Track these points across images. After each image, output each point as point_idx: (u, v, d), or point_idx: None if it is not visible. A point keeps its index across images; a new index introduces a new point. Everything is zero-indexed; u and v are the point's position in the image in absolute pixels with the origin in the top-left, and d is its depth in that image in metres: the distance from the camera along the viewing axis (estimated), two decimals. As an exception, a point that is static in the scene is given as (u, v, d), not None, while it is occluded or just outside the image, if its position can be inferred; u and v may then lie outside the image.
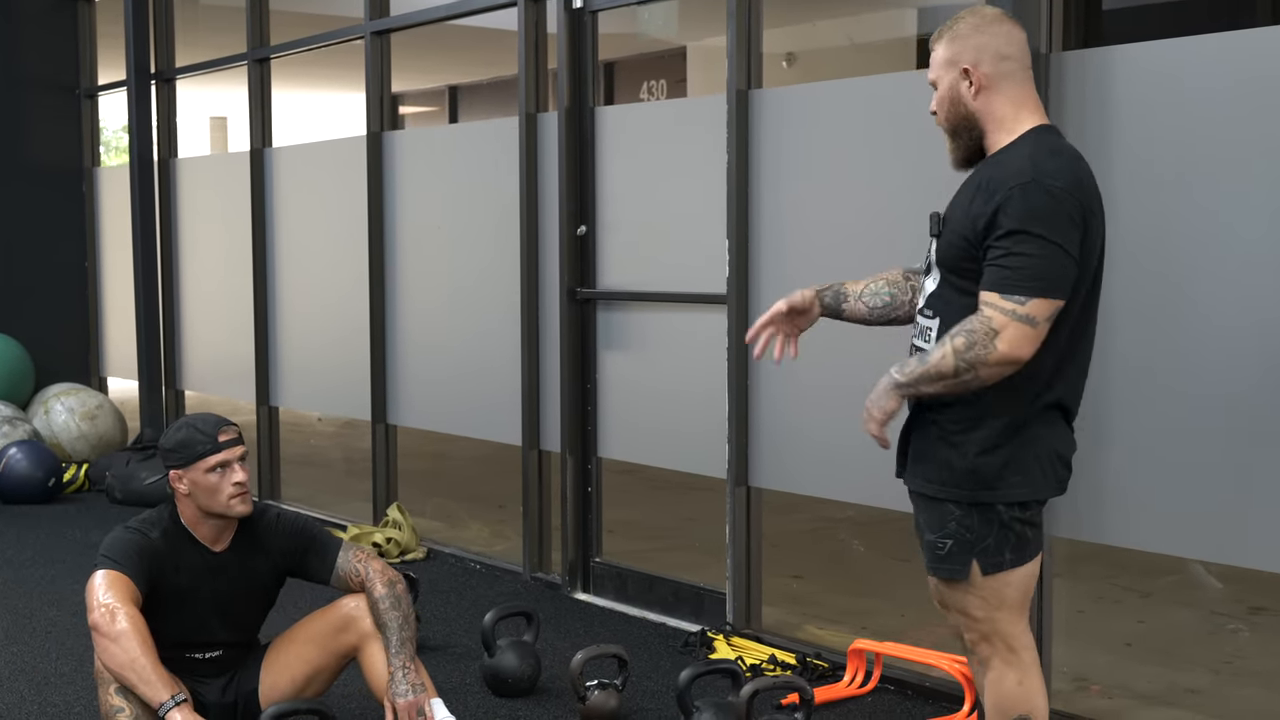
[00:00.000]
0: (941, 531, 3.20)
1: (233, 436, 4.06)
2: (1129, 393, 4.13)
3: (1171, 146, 4.02)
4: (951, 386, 3.09)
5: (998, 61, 3.17)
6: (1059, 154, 3.10)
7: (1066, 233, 3.01)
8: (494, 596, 6.06)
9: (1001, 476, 3.12)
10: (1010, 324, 3.01)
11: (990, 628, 3.23)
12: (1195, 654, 5.57)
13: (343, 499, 8.28)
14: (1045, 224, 3.00)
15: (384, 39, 7.18)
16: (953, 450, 3.15)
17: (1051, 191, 3.01)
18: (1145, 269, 4.08)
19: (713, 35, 11.77)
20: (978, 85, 3.17)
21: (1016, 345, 3.01)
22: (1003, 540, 3.16)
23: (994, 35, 3.18)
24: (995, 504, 3.14)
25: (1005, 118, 3.18)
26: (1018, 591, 3.22)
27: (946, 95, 3.23)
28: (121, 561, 3.93)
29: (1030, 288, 3.00)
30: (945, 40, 3.23)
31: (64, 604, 5.93)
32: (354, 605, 4.15)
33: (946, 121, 3.26)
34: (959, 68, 3.19)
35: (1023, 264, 3.00)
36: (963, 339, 3.05)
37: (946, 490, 3.17)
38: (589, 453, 6.13)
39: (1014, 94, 3.18)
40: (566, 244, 6.04)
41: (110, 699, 3.84)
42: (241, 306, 8.36)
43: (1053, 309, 3.02)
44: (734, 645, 5.25)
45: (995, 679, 3.26)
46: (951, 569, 3.21)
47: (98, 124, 10.27)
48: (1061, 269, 3.02)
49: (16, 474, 8.15)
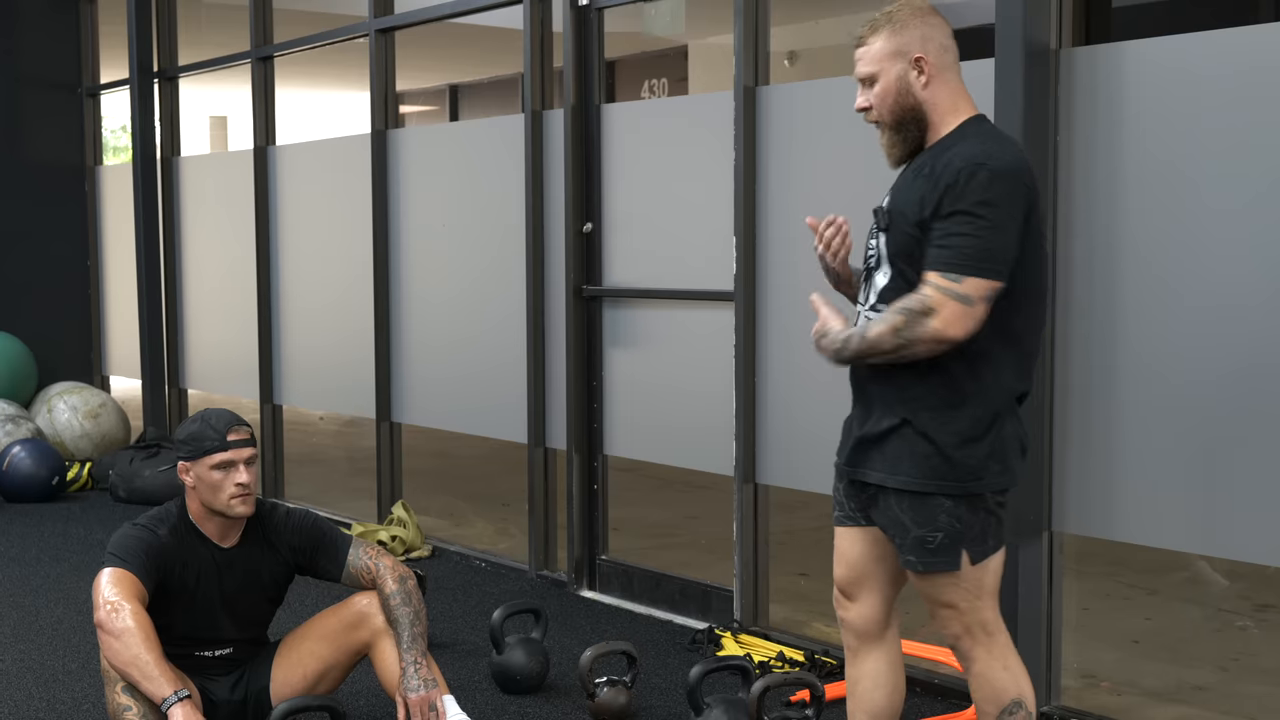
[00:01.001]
0: (932, 525, 3.17)
1: (243, 437, 4.06)
2: (1137, 389, 4.13)
3: (1180, 142, 4.02)
4: (890, 360, 3.12)
5: (942, 52, 3.18)
6: (1003, 141, 3.14)
7: (1008, 215, 3.02)
8: (500, 594, 6.05)
9: (986, 466, 3.13)
10: (947, 302, 3.01)
11: (972, 618, 3.24)
12: (1203, 651, 5.57)
13: (347, 497, 8.27)
14: (987, 205, 3.01)
15: (388, 37, 7.17)
16: (933, 444, 3.13)
17: (996, 173, 3.02)
18: (1153, 264, 4.08)
19: (715, 33, 11.77)
20: (928, 75, 3.16)
21: (950, 323, 3.02)
22: (987, 528, 3.19)
23: (934, 25, 3.19)
24: (985, 493, 3.15)
25: (948, 109, 3.18)
26: (994, 577, 3.25)
27: (893, 87, 3.19)
28: (128, 559, 3.93)
29: (967, 267, 3.01)
30: (887, 31, 3.19)
31: (70, 602, 5.93)
32: (366, 602, 4.15)
33: (891, 115, 3.21)
34: (909, 57, 3.17)
35: (962, 243, 3.02)
36: (901, 316, 3.07)
37: (935, 484, 3.15)
38: (595, 450, 6.12)
39: (954, 85, 3.20)
40: (572, 241, 6.04)
41: (117, 697, 3.84)
42: (245, 304, 8.35)
43: (989, 289, 3.02)
44: (742, 642, 5.25)
45: (982, 670, 3.27)
46: (944, 561, 3.19)
47: (100, 123, 10.26)
48: (1000, 250, 3.02)
49: (20, 473, 8.14)
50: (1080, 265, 4.22)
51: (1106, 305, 4.18)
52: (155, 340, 9.16)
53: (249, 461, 4.05)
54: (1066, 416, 4.28)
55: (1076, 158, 4.21)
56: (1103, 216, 4.17)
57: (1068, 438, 4.28)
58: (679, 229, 5.73)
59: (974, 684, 3.30)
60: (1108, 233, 4.16)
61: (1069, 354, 4.26)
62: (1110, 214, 4.15)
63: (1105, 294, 4.18)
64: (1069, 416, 4.27)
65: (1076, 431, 4.26)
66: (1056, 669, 4.41)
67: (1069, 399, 4.27)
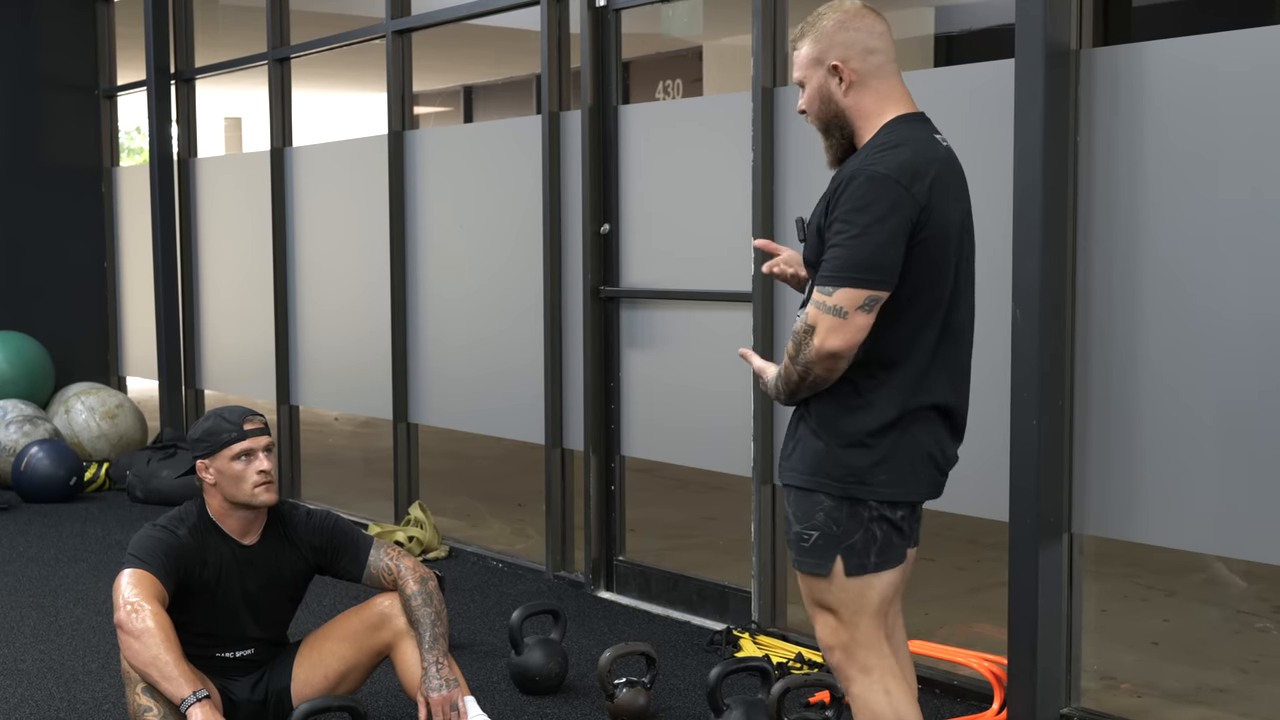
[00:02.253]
0: (809, 523, 3.13)
1: (258, 426, 4.09)
2: (1157, 390, 4.12)
3: (1201, 143, 4.01)
4: (810, 388, 3.08)
5: (865, 56, 3.12)
6: (897, 144, 3.04)
7: (878, 220, 2.95)
8: (517, 595, 6.06)
9: (872, 472, 3.06)
10: (821, 317, 2.98)
11: (850, 635, 3.14)
12: (1222, 653, 5.56)
13: (363, 498, 8.29)
14: (856, 212, 2.96)
15: (405, 38, 7.18)
16: (822, 442, 3.10)
17: (873, 178, 2.97)
18: (1174, 265, 4.07)
19: (730, 34, 11.76)
20: (848, 82, 3.13)
21: (826, 337, 2.98)
22: (870, 541, 3.10)
23: (858, 30, 3.13)
24: (866, 500, 3.08)
25: (872, 113, 3.13)
26: (879, 597, 3.14)
27: (817, 93, 3.17)
28: (147, 560, 3.94)
29: (837, 278, 2.97)
30: (810, 39, 3.17)
31: (89, 602, 5.94)
32: (388, 603, 4.16)
33: (818, 120, 3.20)
34: (826, 64, 3.14)
35: (834, 255, 2.98)
36: (791, 343, 3.06)
37: (816, 480, 3.11)
38: (612, 451, 6.13)
39: (881, 88, 3.13)
40: (589, 242, 6.04)
41: (138, 698, 3.85)
42: (261, 305, 8.37)
43: (864, 298, 2.95)
44: (760, 643, 5.25)
45: (861, 693, 3.16)
46: (815, 563, 3.14)
47: (117, 124, 10.29)
48: (871, 257, 2.95)
49: (38, 473, 8.17)
50: (1100, 265, 4.22)
51: (1126, 306, 4.17)
52: (172, 341, 9.18)
53: (267, 449, 4.08)
54: (1086, 418, 4.27)
55: (1097, 158, 4.20)
56: (1123, 217, 4.16)
57: (1087, 439, 4.27)
58: (697, 230, 5.73)
59: (854, 706, 3.18)
60: (1128, 233, 4.15)
61: (1088, 356, 4.26)
62: (1131, 214, 4.14)
63: (1125, 295, 4.17)
64: (1088, 418, 4.27)
65: (1096, 433, 4.26)
66: (1076, 671, 4.40)
67: (1088, 401, 4.26)
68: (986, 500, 4.53)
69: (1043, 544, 4.23)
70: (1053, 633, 4.29)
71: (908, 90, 3.19)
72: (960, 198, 3.14)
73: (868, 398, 3.06)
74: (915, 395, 3.08)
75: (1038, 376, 4.16)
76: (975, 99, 4.60)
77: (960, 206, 3.14)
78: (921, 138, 3.09)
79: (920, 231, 3.00)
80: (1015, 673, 4.32)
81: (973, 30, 10.86)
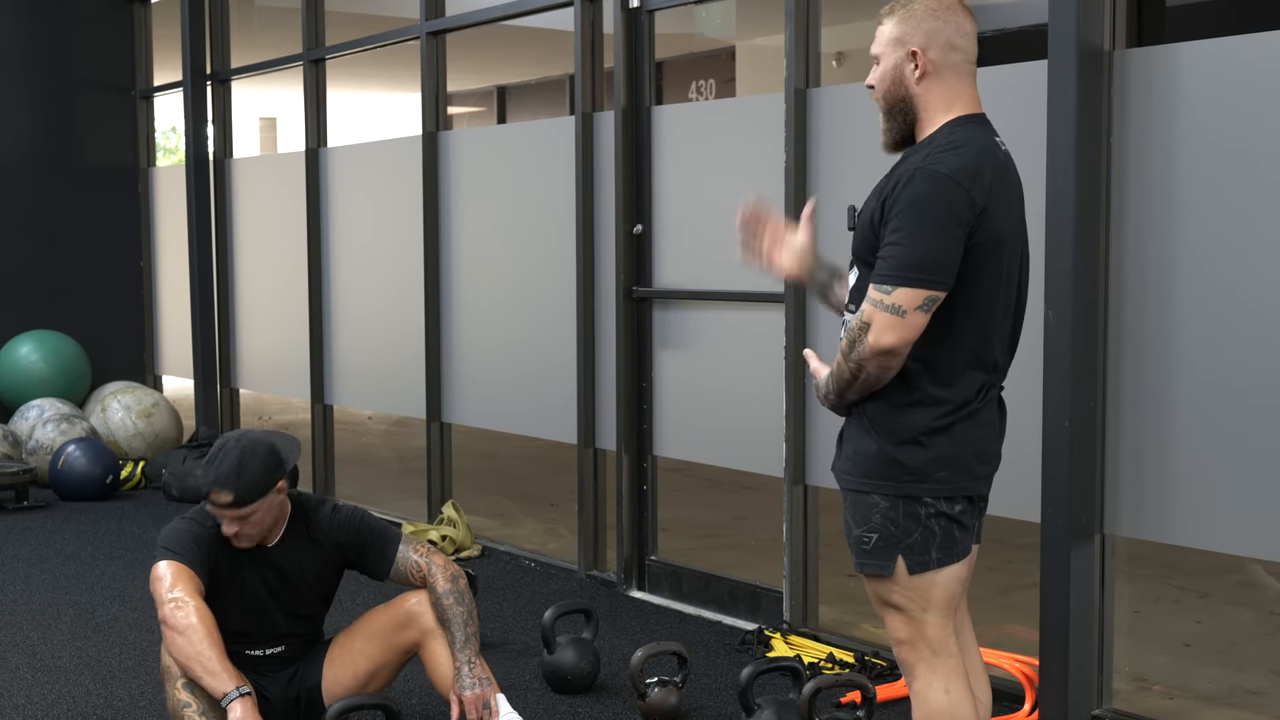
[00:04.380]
0: (867, 525, 3.12)
1: (223, 501, 4.00)
2: (1191, 391, 4.11)
3: (1237, 144, 4.00)
4: (861, 388, 3.07)
5: (946, 51, 3.10)
6: (958, 145, 3.03)
7: (942, 221, 2.95)
8: (549, 594, 6.08)
9: (927, 470, 3.06)
10: (877, 314, 2.97)
11: (916, 630, 3.15)
12: (1256, 655, 5.53)
13: (397, 497, 8.32)
14: (920, 211, 2.95)
15: (440, 39, 7.21)
16: (874, 442, 3.09)
17: (934, 178, 2.96)
18: (1208, 266, 4.06)
19: (763, 34, 11.76)
20: (923, 70, 3.10)
21: (881, 334, 2.97)
22: (929, 538, 3.10)
23: (947, 23, 3.10)
24: (921, 498, 3.07)
25: (938, 108, 3.12)
26: (944, 593, 3.14)
27: (889, 73, 3.15)
28: (181, 552, 3.98)
29: (897, 277, 2.95)
30: (898, 18, 3.14)
31: (125, 599, 5.99)
32: (416, 601, 4.18)
33: (884, 100, 3.18)
34: (907, 49, 3.11)
35: (893, 253, 2.97)
36: (845, 341, 3.06)
37: (870, 483, 3.10)
38: (645, 451, 6.14)
39: (954, 86, 3.11)
40: (623, 242, 6.06)
41: (178, 694, 3.88)
42: (296, 305, 8.41)
43: (923, 298, 2.95)
44: (791, 643, 5.25)
45: (921, 689, 3.16)
46: (877, 565, 3.13)
47: (153, 125, 10.36)
48: (931, 257, 2.95)
49: (75, 471, 8.23)
50: (1133, 266, 4.21)
51: (1160, 307, 4.16)
52: (207, 340, 9.24)
53: (235, 520, 4.02)
54: (1119, 418, 4.26)
55: (1130, 160, 4.19)
56: (1157, 218, 4.15)
57: (1120, 440, 4.26)
58: (729, 230, 5.68)
59: (913, 701, 3.19)
60: (1161, 234, 4.14)
61: (1121, 357, 4.25)
62: (1165, 215, 4.13)
63: (1159, 296, 4.16)
64: (1121, 418, 4.26)
65: (1129, 434, 4.25)
66: (1108, 672, 4.39)
67: (1121, 401, 4.25)
68: (1018, 501, 4.51)
69: (1075, 545, 4.22)
70: (1084, 634, 4.28)
71: (978, 94, 3.17)
72: (1016, 202, 3.13)
73: (919, 395, 3.06)
74: (967, 393, 3.08)
75: (1070, 377, 4.16)
76: (1008, 100, 4.59)
77: (1016, 211, 3.13)
78: (983, 140, 3.08)
79: (976, 234, 2.99)
80: (1047, 674, 4.31)
81: (1006, 30, 10.83)
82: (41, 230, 9.72)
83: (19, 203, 9.63)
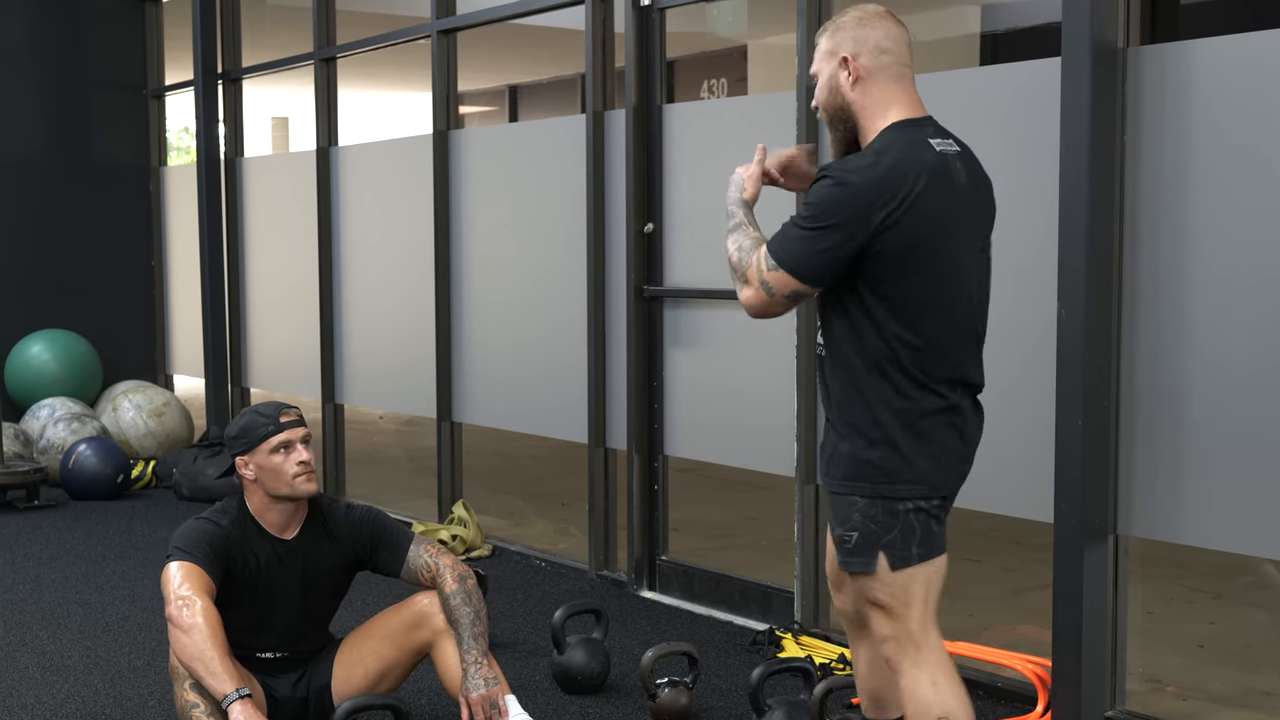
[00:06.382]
0: (847, 524, 3.23)
1: (294, 418, 4.11)
2: (1205, 391, 4.08)
3: (1252, 141, 3.97)
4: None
5: (876, 54, 3.24)
6: (881, 152, 3.14)
7: (829, 228, 3.08)
8: (560, 594, 6.06)
9: (900, 471, 3.16)
10: (754, 277, 3.19)
11: (901, 625, 3.24)
12: (1269, 656, 5.50)
13: (408, 496, 8.31)
14: (819, 212, 3.10)
15: (450, 38, 7.20)
16: (849, 444, 3.21)
17: (840, 183, 3.09)
18: (1223, 264, 4.03)
19: (774, 33, 11.74)
20: (855, 75, 3.24)
21: (748, 301, 3.21)
22: (909, 534, 3.19)
23: (875, 29, 3.25)
24: (899, 497, 3.17)
25: (875, 113, 3.24)
26: (925, 588, 3.23)
27: (826, 84, 3.31)
28: (193, 552, 3.96)
29: (782, 258, 3.14)
30: (829, 33, 3.30)
31: (135, 599, 5.99)
32: (427, 602, 4.16)
33: (826, 111, 3.33)
34: (839, 57, 3.26)
35: (791, 233, 3.14)
36: (737, 257, 3.26)
37: (848, 484, 3.22)
38: (655, 450, 6.12)
39: (887, 89, 3.24)
40: (633, 241, 6.04)
41: (185, 694, 3.87)
42: (307, 304, 8.41)
43: (791, 289, 3.14)
44: (803, 644, 5.23)
45: (909, 685, 3.25)
46: (860, 562, 3.23)
47: (164, 124, 10.36)
48: (810, 258, 3.11)
49: (86, 470, 8.24)
50: (1147, 264, 4.18)
51: (1174, 306, 4.13)
52: (218, 339, 9.24)
53: (305, 440, 4.10)
54: (1132, 419, 4.23)
55: (1144, 157, 4.17)
56: (1171, 215, 4.12)
57: (1133, 440, 4.24)
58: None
59: (903, 697, 3.28)
60: (1175, 232, 4.11)
61: (1134, 356, 4.22)
62: (1179, 212, 4.10)
63: (1172, 294, 4.13)
64: (1135, 419, 4.23)
65: (1142, 434, 4.22)
66: (1121, 673, 4.37)
67: (1135, 401, 4.23)
68: (1031, 501, 4.50)
69: (1088, 546, 4.19)
70: (1097, 635, 4.26)
71: (918, 97, 3.28)
72: (967, 199, 3.20)
73: (887, 398, 3.16)
74: (932, 390, 3.16)
75: (1083, 376, 4.13)
76: (1021, 97, 4.58)
77: (968, 208, 3.20)
78: (911, 144, 3.16)
79: (886, 237, 3.07)
80: (1060, 675, 4.29)
81: (1019, 28, 10.80)
82: (53, 229, 9.71)
83: (30, 202, 9.63)
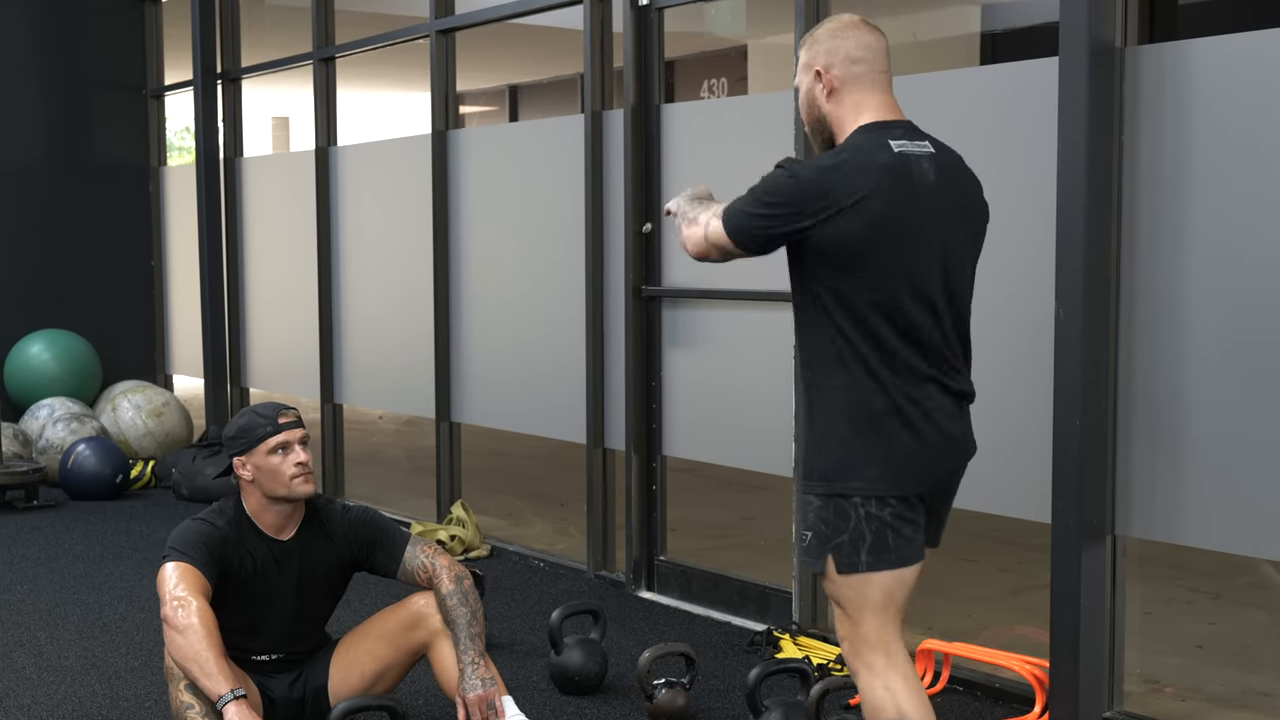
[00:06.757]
0: (804, 523, 3.27)
1: (292, 419, 4.11)
2: (1204, 391, 4.08)
3: (1250, 140, 3.96)
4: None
5: (848, 65, 3.28)
6: (839, 152, 3.20)
7: (771, 208, 3.15)
8: (558, 594, 6.06)
9: (851, 472, 3.17)
10: (701, 224, 3.26)
11: (853, 629, 3.25)
12: (1268, 657, 5.50)
13: (406, 496, 8.31)
14: (764, 192, 3.18)
15: (449, 38, 7.20)
16: (807, 447, 3.26)
17: (791, 175, 3.16)
18: (1222, 264, 4.03)
19: (774, 33, 11.74)
20: (829, 87, 3.28)
21: (688, 238, 3.30)
22: (857, 539, 3.17)
23: (847, 39, 3.28)
24: (850, 497, 3.16)
25: (846, 120, 3.28)
26: (881, 594, 3.21)
27: (804, 97, 3.35)
28: (189, 553, 3.95)
29: (729, 219, 3.21)
30: (805, 47, 3.34)
31: (133, 599, 5.98)
32: (424, 602, 4.16)
33: (806, 123, 3.39)
34: (813, 70, 3.30)
35: (739, 200, 3.22)
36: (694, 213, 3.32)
37: (808, 484, 3.25)
38: (654, 451, 6.11)
39: (859, 97, 3.28)
40: (632, 241, 6.04)
41: (181, 695, 3.86)
42: (306, 304, 8.41)
43: (728, 246, 3.22)
44: (800, 644, 5.23)
45: (863, 687, 3.25)
46: (812, 561, 3.27)
47: (164, 124, 10.36)
48: (752, 226, 3.18)
49: (84, 470, 8.23)
50: (1145, 264, 4.17)
51: (1172, 306, 4.13)
52: (218, 340, 9.24)
53: (303, 441, 4.10)
54: (1130, 418, 4.23)
55: (1142, 157, 4.16)
56: (1169, 214, 4.12)
57: (1131, 440, 4.23)
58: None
59: (860, 697, 3.28)
60: (1174, 231, 4.11)
61: (1133, 356, 4.22)
62: (1177, 212, 4.10)
63: (1171, 294, 4.13)
64: (1133, 418, 4.23)
65: (1140, 434, 4.22)
66: (1119, 674, 4.37)
67: (1133, 401, 4.22)
68: (1029, 501, 4.50)
69: (1085, 546, 4.19)
70: (1095, 635, 4.26)
71: (893, 101, 3.31)
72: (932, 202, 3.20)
73: (836, 395, 3.18)
74: (883, 390, 3.16)
75: (1080, 376, 4.13)
76: (1021, 97, 4.57)
77: (928, 206, 3.19)
78: (871, 146, 3.19)
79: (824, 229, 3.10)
80: (1057, 676, 4.28)
81: (1018, 28, 10.79)
82: (52, 229, 9.71)
83: (30, 202, 9.63)
